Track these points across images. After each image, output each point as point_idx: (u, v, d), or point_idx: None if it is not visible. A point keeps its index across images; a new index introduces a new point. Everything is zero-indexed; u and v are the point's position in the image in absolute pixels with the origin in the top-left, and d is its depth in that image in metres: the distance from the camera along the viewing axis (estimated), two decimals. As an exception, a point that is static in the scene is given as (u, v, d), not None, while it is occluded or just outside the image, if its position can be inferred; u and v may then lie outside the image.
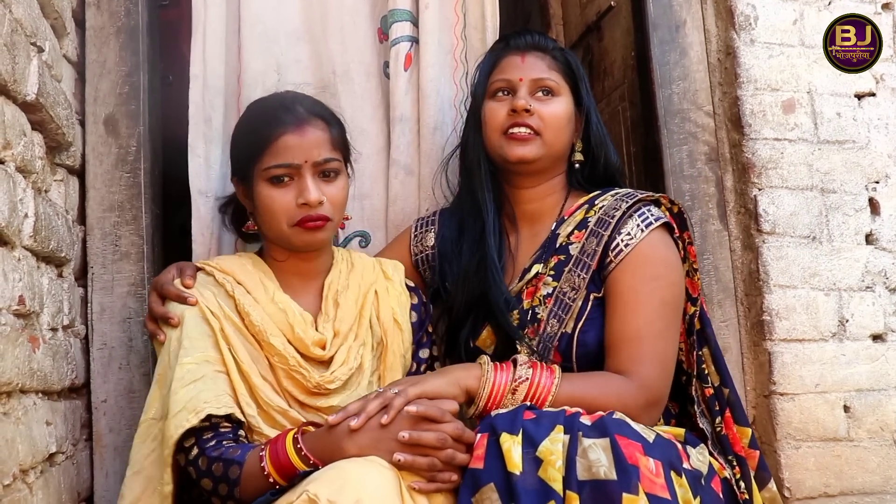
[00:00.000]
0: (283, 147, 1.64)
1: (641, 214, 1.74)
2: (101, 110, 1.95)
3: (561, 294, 1.74)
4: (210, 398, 1.54)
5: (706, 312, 1.83)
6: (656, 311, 1.68)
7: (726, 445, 1.72)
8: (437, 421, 1.46)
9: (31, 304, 1.47)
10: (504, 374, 1.59)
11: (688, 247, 1.80)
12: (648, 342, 1.66)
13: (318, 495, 1.31)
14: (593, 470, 1.36)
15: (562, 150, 1.86)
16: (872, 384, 2.07)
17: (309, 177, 1.64)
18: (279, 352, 1.64)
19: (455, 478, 1.44)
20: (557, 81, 1.85)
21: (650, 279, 1.70)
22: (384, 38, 2.19)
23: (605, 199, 1.80)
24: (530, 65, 1.85)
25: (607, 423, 1.42)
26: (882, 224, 2.15)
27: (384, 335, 1.76)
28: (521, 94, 1.82)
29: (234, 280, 1.69)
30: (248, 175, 1.69)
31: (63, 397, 1.69)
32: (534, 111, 1.80)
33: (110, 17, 1.97)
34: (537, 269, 1.79)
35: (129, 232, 1.92)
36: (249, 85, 2.10)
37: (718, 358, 1.79)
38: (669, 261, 1.73)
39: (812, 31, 2.20)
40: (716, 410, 1.75)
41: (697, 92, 2.18)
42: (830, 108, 2.18)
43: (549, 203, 1.88)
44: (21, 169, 1.48)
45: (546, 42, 1.91)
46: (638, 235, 1.72)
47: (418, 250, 1.97)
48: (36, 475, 1.46)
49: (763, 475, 1.75)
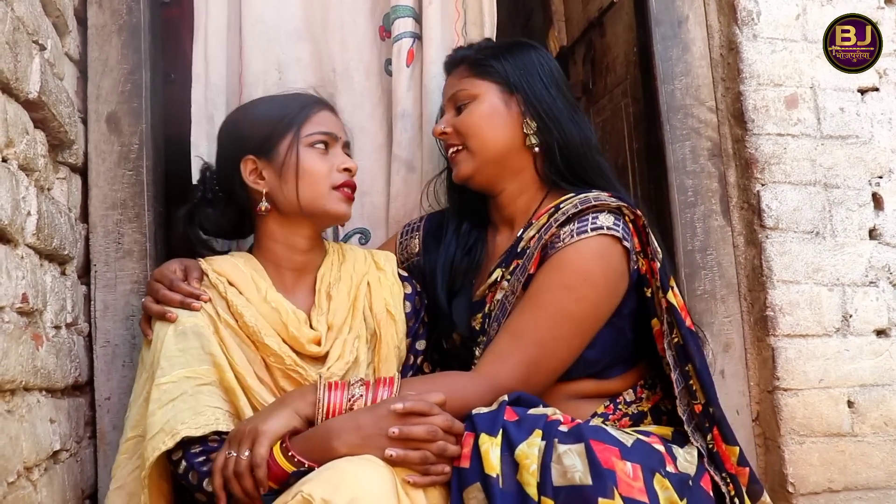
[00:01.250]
0: (324, 118, 1.76)
1: (582, 221, 1.66)
2: (103, 108, 1.95)
3: (504, 298, 1.70)
4: (187, 418, 1.52)
5: (688, 326, 1.67)
6: (551, 319, 1.61)
7: (719, 462, 1.63)
8: (425, 414, 1.45)
9: (34, 302, 1.47)
10: (339, 394, 1.52)
11: (651, 263, 1.67)
12: (524, 345, 1.59)
13: (313, 495, 1.31)
14: (568, 475, 1.35)
15: (499, 149, 1.78)
16: (876, 379, 2.07)
17: (342, 151, 1.75)
18: (275, 352, 1.64)
19: (448, 469, 1.43)
20: (470, 87, 1.81)
21: (560, 286, 1.62)
22: (386, 36, 2.19)
23: (571, 201, 1.70)
24: (449, 86, 1.88)
25: (583, 430, 1.42)
26: (886, 219, 2.15)
27: (377, 326, 1.75)
28: (442, 119, 1.86)
29: (227, 281, 1.68)
30: (276, 147, 1.71)
31: (66, 395, 1.69)
32: (451, 130, 1.82)
33: (112, 15, 1.97)
34: (498, 273, 1.76)
35: (131, 230, 1.92)
36: (251, 83, 2.11)
37: (703, 374, 1.66)
38: (590, 274, 1.63)
39: (815, 26, 2.19)
40: (706, 427, 1.64)
41: (700, 87, 2.17)
42: (833, 103, 2.17)
43: (521, 205, 1.82)
44: (24, 167, 1.48)
45: (465, 52, 1.89)
46: (566, 240, 1.64)
47: (404, 257, 1.96)
48: (40, 473, 1.46)
49: (755, 489, 1.67)
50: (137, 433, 1.61)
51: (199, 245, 1.80)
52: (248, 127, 1.76)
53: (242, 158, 1.74)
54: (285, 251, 1.75)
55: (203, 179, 1.85)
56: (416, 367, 1.81)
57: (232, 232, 1.85)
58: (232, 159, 1.76)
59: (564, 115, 1.80)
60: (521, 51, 1.85)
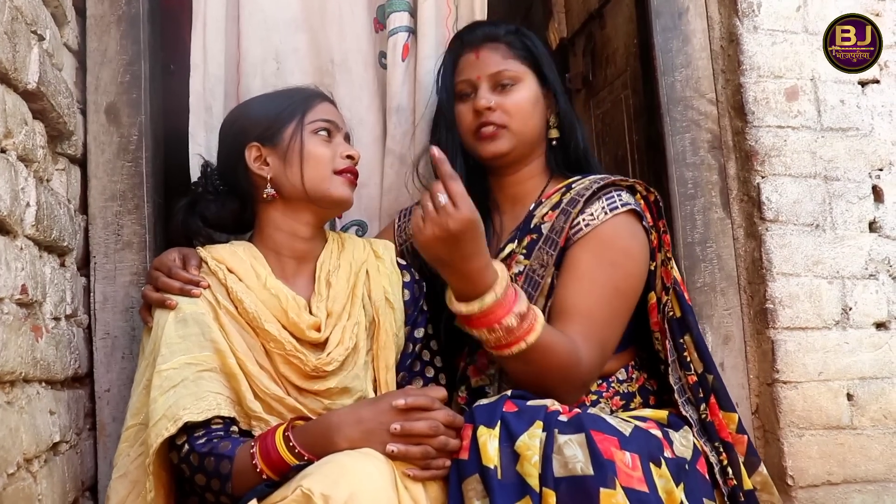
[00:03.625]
0: (327, 108, 1.80)
1: (609, 198, 1.74)
2: (102, 99, 1.94)
3: (531, 272, 1.74)
4: (189, 404, 1.52)
5: (687, 300, 1.80)
6: (608, 296, 1.67)
7: (712, 432, 1.70)
8: (426, 409, 1.45)
9: (33, 294, 1.46)
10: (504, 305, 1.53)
11: (662, 235, 1.78)
12: (597, 325, 1.65)
13: (312, 490, 1.31)
14: (570, 466, 1.36)
15: (534, 135, 1.87)
16: (876, 372, 2.07)
17: (343, 141, 1.80)
18: (275, 337, 1.64)
19: (449, 464, 1.44)
20: (516, 69, 1.84)
21: (608, 264, 1.69)
22: (380, 28, 2.19)
23: (582, 182, 1.80)
24: (485, 60, 1.86)
25: (583, 419, 1.42)
26: (886, 212, 2.15)
27: (376, 314, 1.77)
28: (481, 93, 1.84)
29: (226, 268, 1.69)
30: (280, 133, 1.74)
31: (66, 387, 1.69)
32: (496, 107, 1.82)
33: (111, 6, 1.96)
34: (511, 248, 1.80)
35: (130, 221, 1.92)
36: (248, 73, 2.10)
37: (700, 344, 1.77)
38: (631, 250, 1.72)
39: (815, 19, 2.19)
40: (700, 397, 1.72)
41: (700, 79, 2.17)
42: (834, 96, 2.17)
43: (530, 186, 1.89)
44: (22, 158, 1.48)
45: (498, 30, 1.90)
46: (601, 217, 1.72)
47: (402, 240, 1.98)
48: (40, 464, 1.46)
49: (752, 460, 1.73)
50: (138, 421, 1.61)
51: (198, 236, 1.80)
52: (252, 117, 1.80)
53: (247, 146, 1.76)
54: (287, 239, 1.76)
55: (204, 176, 1.85)
56: (414, 355, 1.81)
57: (232, 224, 1.85)
58: (236, 148, 1.77)
59: (574, 113, 1.92)
60: (545, 45, 1.94)
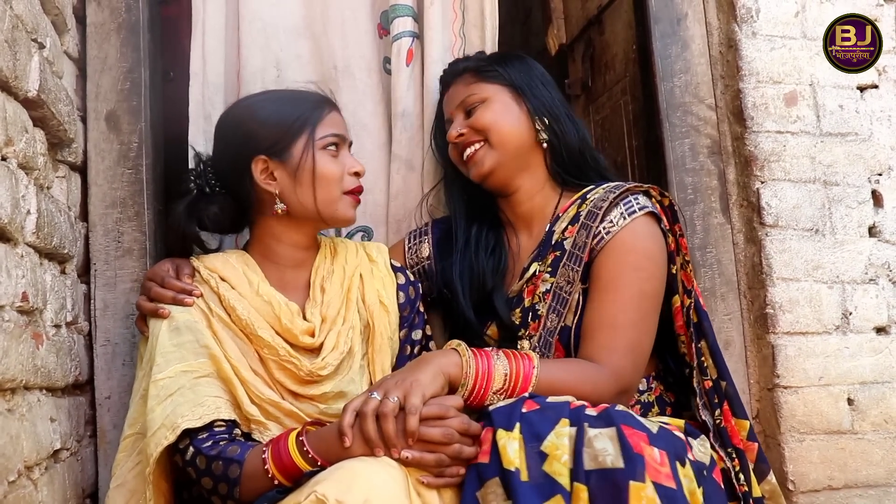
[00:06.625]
0: (334, 119, 1.76)
1: (626, 203, 1.76)
2: (102, 106, 1.95)
3: (558, 289, 1.75)
4: (187, 411, 1.52)
5: (702, 305, 1.82)
6: (634, 300, 1.69)
7: (725, 438, 1.73)
8: (441, 417, 1.45)
9: (34, 301, 1.47)
10: (484, 361, 1.57)
11: (679, 239, 1.79)
12: (623, 331, 1.67)
13: (327, 495, 1.30)
14: (599, 459, 1.36)
15: (519, 143, 1.85)
16: (876, 377, 2.07)
17: (348, 152, 1.76)
18: (268, 343, 1.64)
19: (463, 471, 1.43)
20: (479, 91, 1.88)
21: (632, 269, 1.71)
22: (384, 34, 2.19)
23: (596, 192, 1.81)
24: (453, 95, 1.93)
25: (612, 414, 1.42)
26: (885, 216, 2.15)
27: (370, 317, 1.77)
28: (454, 124, 1.90)
29: (218, 276, 1.69)
30: (289, 149, 1.69)
31: (67, 394, 1.69)
32: (467, 131, 1.86)
33: (111, 14, 1.97)
34: (535, 267, 1.81)
35: (131, 228, 1.92)
36: (248, 81, 2.10)
37: (716, 351, 1.79)
38: (652, 252, 1.74)
39: (814, 24, 2.19)
40: (715, 403, 1.75)
41: (699, 85, 2.17)
42: (833, 101, 2.17)
43: (539, 202, 1.89)
44: (23, 165, 1.48)
45: (467, 63, 1.96)
46: (620, 223, 1.73)
47: (414, 262, 1.99)
48: (41, 471, 1.46)
49: (762, 467, 1.76)
50: (136, 430, 1.61)
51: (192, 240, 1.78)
52: (258, 126, 1.71)
53: (254, 158, 1.70)
54: (286, 249, 1.76)
55: (199, 170, 1.79)
56: (412, 358, 1.80)
57: (230, 227, 1.85)
58: (241, 158, 1.71)
59: (563, 113, 1.89)
60: (517, 58, 1.95)
